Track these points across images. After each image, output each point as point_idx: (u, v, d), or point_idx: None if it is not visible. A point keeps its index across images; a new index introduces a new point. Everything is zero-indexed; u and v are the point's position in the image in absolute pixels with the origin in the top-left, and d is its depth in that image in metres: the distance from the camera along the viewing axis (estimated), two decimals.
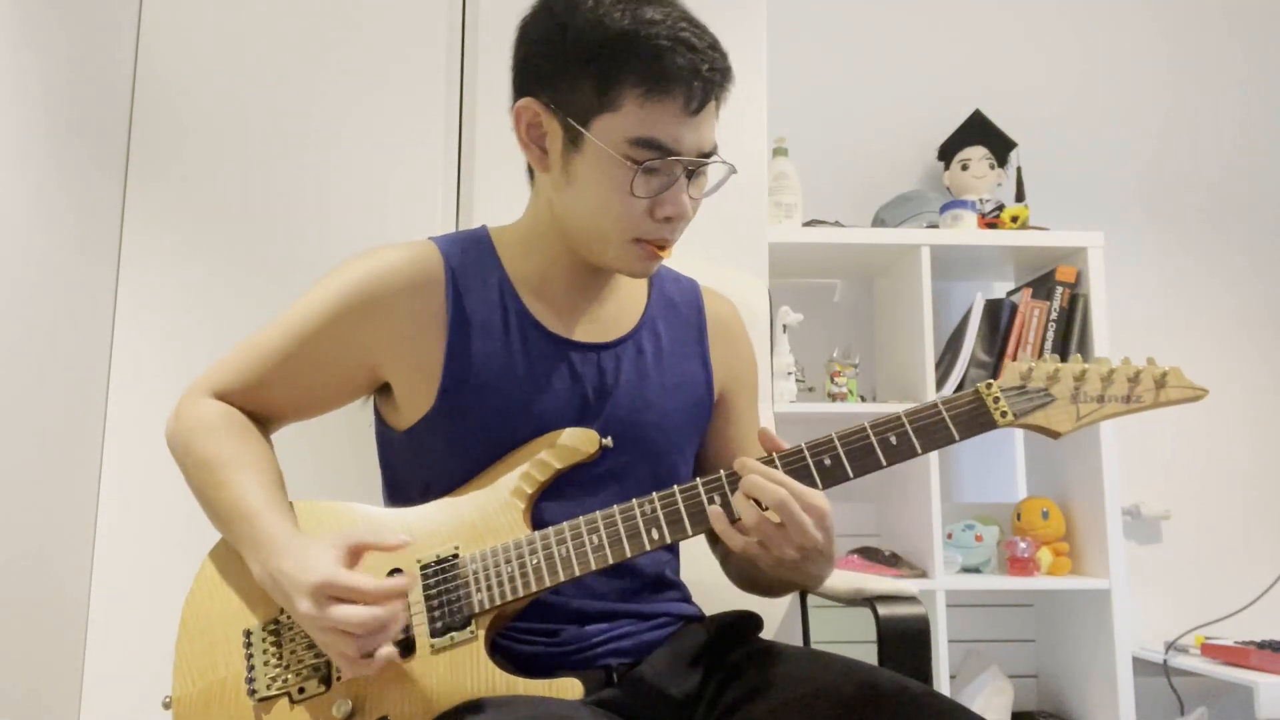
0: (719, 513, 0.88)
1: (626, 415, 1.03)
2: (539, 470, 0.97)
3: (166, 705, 0.94)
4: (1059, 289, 2.15)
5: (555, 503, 0.98)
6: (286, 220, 1.62)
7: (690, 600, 1.10)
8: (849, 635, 1.82)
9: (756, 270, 1.69)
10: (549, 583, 0.91)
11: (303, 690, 0.90)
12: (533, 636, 0.97)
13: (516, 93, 1.01)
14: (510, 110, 1.01)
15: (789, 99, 2.35)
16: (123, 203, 1.60)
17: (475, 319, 1.02)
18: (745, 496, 0.87)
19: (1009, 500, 2.35)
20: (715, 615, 1.07)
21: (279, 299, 1.05)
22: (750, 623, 1.06)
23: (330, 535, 0.88)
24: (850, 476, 0.90)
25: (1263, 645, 2.04)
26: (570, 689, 0.88)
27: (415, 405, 1.01)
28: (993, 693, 2.12)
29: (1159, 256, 2.53)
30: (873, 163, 2.50)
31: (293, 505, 0.97)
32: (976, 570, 2.17)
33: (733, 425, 1.15)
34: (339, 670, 0.90)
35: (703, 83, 0.93)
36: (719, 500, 0.90)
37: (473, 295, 1.03)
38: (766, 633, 1.10)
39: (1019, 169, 2.35)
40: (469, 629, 0.90)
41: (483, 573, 0.92)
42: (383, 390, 1.06)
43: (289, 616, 0.92)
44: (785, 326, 2.13)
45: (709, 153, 0.97)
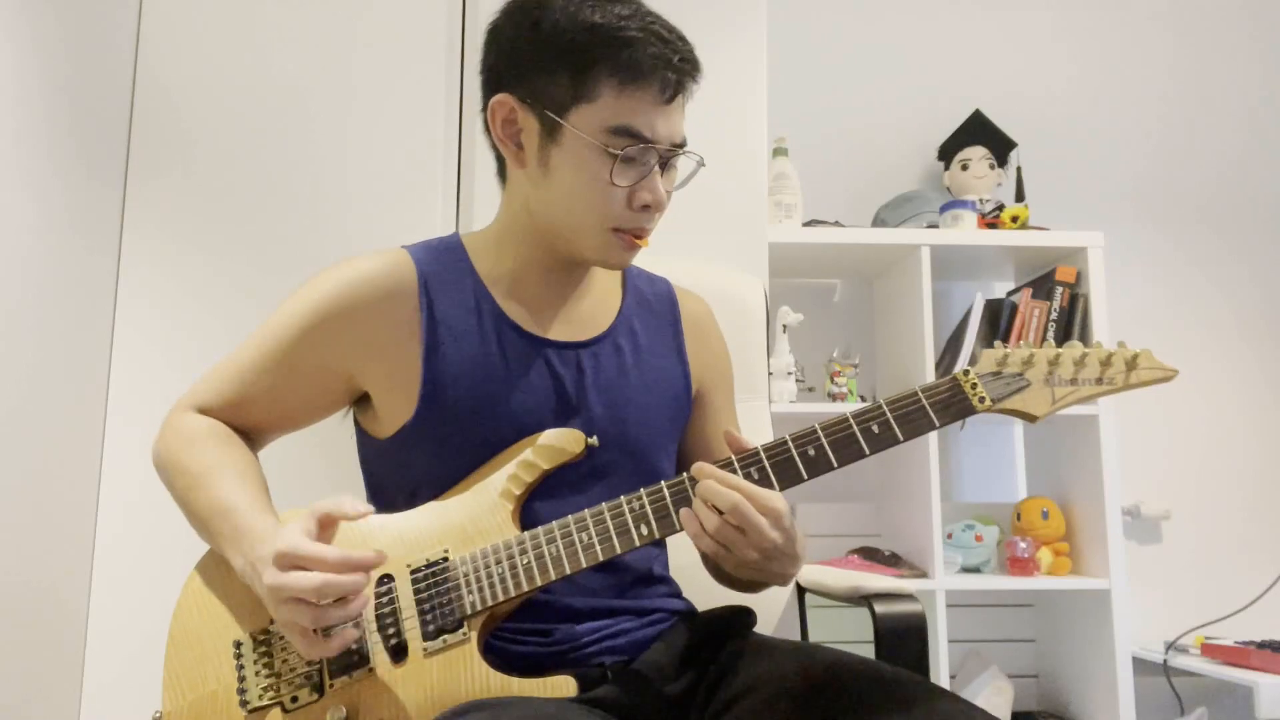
0: (690, 514, 0.89)
1: (608, 413, 1.03)
2: (526, 471, 0.97)
3: None
4: (1059, 289, 2.15)
5: (542, 502, 0.98)
6: (286, 220, 1.62)
7: (680, 595, 1.11)
8: (847, 635, 1.82)
9: (756, 270, 1.69)
10: (540, 581, 0.91)
11: (295, 699, 0.90)
12: (525, 636, 0.96)
13: (487, 93, 1.02)
14: (483, 110, 1.02)
15: (789, 99, 2.34)
16: (123, 203, 1.61)
17: (450, 323, 1.02)
18: (702, 501, 0.87)
19: (1009, 500, 2.35)
20: (708, 611, 1.07)
21: (279, 299, 1.06)
22: (743, 618, 1.07)
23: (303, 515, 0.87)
24: (835, 466, 0.90)
25: (1263, 645, 2.04)
26: (564, 687, 0.88)
27: (395, 413, 1.01)
28: (993, 693, 2.12)
29: (1159, 256, 2.52)
30: (873, 163, 2.50)
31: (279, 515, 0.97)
32: (976, 570, 2.17)
33: (710, 422, 1.16)
34: (331, 679, 0.90)
35: (675, 72, 0.95)
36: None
37: (446, 299, 1.03)
38: (764, 632, 1.09)
39: (1019, 169, 2.35)
40: (461, 631, 0.90)
41: (473, 574, 0.92)
42: (360, 401, 1.06)
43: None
44: (785, 326, 2.13)
45: (680, 144, 0.99)
